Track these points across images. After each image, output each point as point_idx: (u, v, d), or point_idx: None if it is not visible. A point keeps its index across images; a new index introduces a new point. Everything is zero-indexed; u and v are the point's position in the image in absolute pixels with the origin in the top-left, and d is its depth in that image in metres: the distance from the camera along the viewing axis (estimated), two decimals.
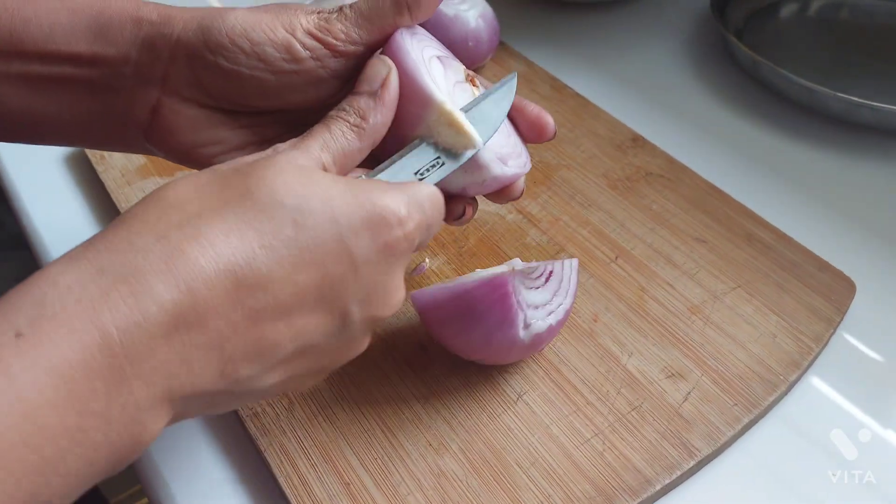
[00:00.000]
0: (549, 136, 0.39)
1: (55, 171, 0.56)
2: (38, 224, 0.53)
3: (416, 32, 0.35)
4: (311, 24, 0.33)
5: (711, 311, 0.44)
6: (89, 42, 0.34)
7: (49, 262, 0.49)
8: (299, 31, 0.33)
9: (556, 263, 0.40)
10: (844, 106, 0.56)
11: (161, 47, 0.34)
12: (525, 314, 0.37)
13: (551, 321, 0.38)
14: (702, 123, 0.59)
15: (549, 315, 0.38)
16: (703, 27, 0.70)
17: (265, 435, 0.38)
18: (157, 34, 0.34)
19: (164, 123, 0.36)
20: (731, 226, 0.49)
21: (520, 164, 0.37)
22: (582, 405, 0.39)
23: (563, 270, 0.40)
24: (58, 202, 0.54)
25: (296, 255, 0.27)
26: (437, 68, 0.35)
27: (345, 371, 0.41)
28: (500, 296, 0.37)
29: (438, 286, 0.39)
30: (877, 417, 0.41)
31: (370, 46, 0.34)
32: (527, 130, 0.39)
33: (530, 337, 0.38)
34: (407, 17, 0.34)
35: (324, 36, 0.33)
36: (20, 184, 0.56)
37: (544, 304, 0.39)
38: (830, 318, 0.43)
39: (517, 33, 0.68)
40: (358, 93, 0.33)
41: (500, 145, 0.36)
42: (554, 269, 0.40)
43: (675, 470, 0.37)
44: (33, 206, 0.54)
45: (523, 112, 0.38)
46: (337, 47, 0.33)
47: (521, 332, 0.37)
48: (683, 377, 0.41)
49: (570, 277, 0.40)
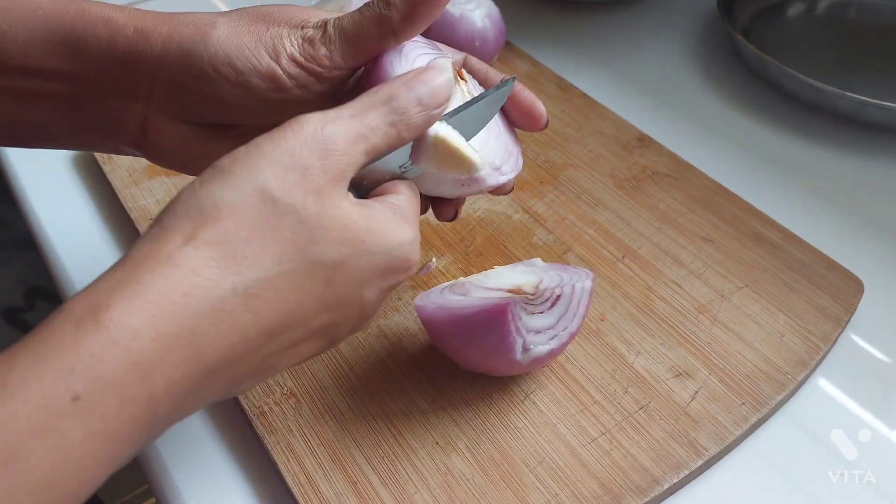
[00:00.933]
0: (542, 125, 0.38)
1: (62, 171, 0.56)
2: (45, 224, 0.53)
3: (401, 47, 0.34)
4: (295, 49, 0.32)
5: (719, 310, 0.44)
6: (65, 57, 0.33)
7: (55, 261, 0.49)
8: (283, 58, 0.32)
9: (567, 286, 0.38)
10: (852, 105, 0.56)
11: (141, 66, 0.33)
12: (524, 339, 0.37)
13: (553, 345, 0.37)
14: (708, 123, 0.59)
15: (551, 339, 0.37)
16: (710, 26, 0.70)
17: (272, 434, 0.38)
18: (134, 51, 0.33)
19: (154, 141, 0.36)
20: (739, 225, 0.48)
21: (513, 167, 0.37)
22: (589, 404, 0.39)
23: (574, 293, 0.38)
24: (65, 202, 0.54)
25: (320, 308, 0.28)
26: None
27: (352, 370, 0.41)
28: (498, 323, 0.36)
29: (440, 301, 0.38)
30: (882, 418, 0.41)
31: (355, 69, 0.34)
32: (519, 118, 0.38)
33: (529, 360, 0.37)
34: (392, 41, 0.33)
35: (308, 64, 0.33)
36: (28, 184, 0.56)
37: (548, 329, 0.37)
38: (838, 317, 0.43)
39: (523, 33, 0.68)
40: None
41: (493, 153, 0.35)
42: (563, 293, 0.38)
43: (683, 469, 0.37)
44: (41, 206, 0.54)
45: (516, 99, 0.37)
46: (321, 74, 0.33)
47: (519, 355, 0.37)
48: (691, 376, 0.40)
49: (581, 300, 0.38)
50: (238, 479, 0.39)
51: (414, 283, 0.46)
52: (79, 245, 0.51)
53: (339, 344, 0.32)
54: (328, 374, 0.41)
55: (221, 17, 0.34)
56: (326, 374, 0.41)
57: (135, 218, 0.50)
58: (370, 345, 0.42)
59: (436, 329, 0.39)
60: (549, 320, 0.37)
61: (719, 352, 0.42)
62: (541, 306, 0.37)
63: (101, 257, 0.50)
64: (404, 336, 0.43)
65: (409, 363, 0.41)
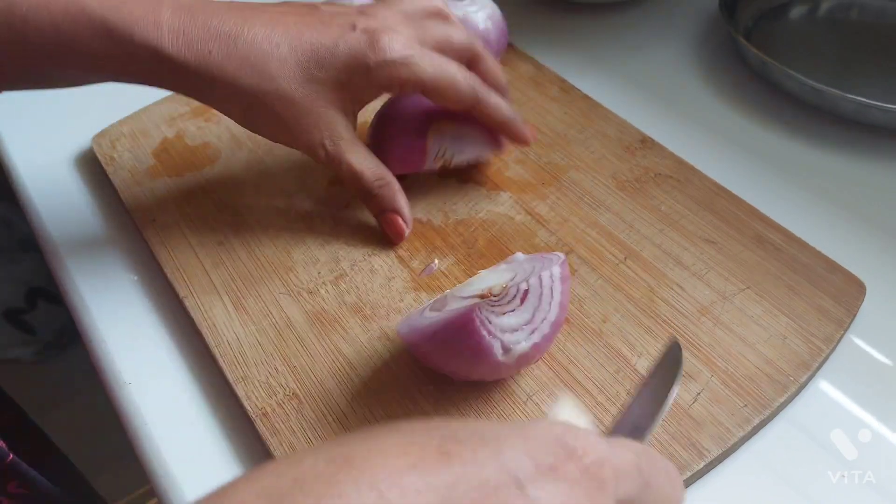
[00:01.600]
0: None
1: (65, 171, 0.57)
2: (48, 223, 0.53)
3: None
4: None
5: (721, 312, 0.44)
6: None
7: (57, 261, 0.49)
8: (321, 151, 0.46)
9: (533, 279, 0.37)
10: (854, 107, 0.56)
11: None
12: (501, 341, 0.36)
13: (535, 339, 0.37)
14: (711, 125, 0.59)
15: (531, 334, 0.37)
16: (712, 28, 0.70)
17: (275, 435, 0.38)
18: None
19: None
20: (741, 227, 0.48)
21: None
22: (591, 406, 0.39)
23: (543, 284, 0.37)
24: (68, 202, 0.54)
25: None
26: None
27: (355, 373, 0.41)
28: (467, 332, 0.36)
29: (415, 322, 0.38)
30: (883, 419, 0.41)
31: None
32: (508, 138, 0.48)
33: (514, 359, 0.37)
34: None
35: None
36: (30, 184, 0.56)
37: (524, 325, 0.37)
38: (841, 319, 0.43)
39: (526, 35, 0.68)
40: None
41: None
42: (530, 287, 0.37)
43: (685, 471, 0.37)
44: (43, 205, 0.54)
45: (508, 128, 0.49)
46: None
47: (501, 357, 0.36)
48: (693, 378, 0.40)
49: (553, 287, 0.38)
50: None
51: (416, 285, 0.46)
52: (81, 245, 0.51)
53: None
54: (331, 376, 0.41)
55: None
56: (329, 377, 0.41)
57: (137, 218, 0.50)
58: (373, 347, 0.42)
59: (417, 351, 0.39)
60: (524, 316, 0.37)
61: (721, 353, 0.42)
62: (509, 304, 0.37)
63: (103, 257, 0.50)
64: None
65: (411, 365, 0.41)
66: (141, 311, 0.47)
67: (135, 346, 0.45)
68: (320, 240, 0.49)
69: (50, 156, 0.58)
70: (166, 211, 0.51)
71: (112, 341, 0.45)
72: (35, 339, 1.29)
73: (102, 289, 0.48)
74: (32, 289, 1.28)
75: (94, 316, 0.47)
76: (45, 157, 0.58)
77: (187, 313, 0.45)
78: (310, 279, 0.46)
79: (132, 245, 0.51)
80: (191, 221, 0.50)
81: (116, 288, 0.48)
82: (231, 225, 0.50)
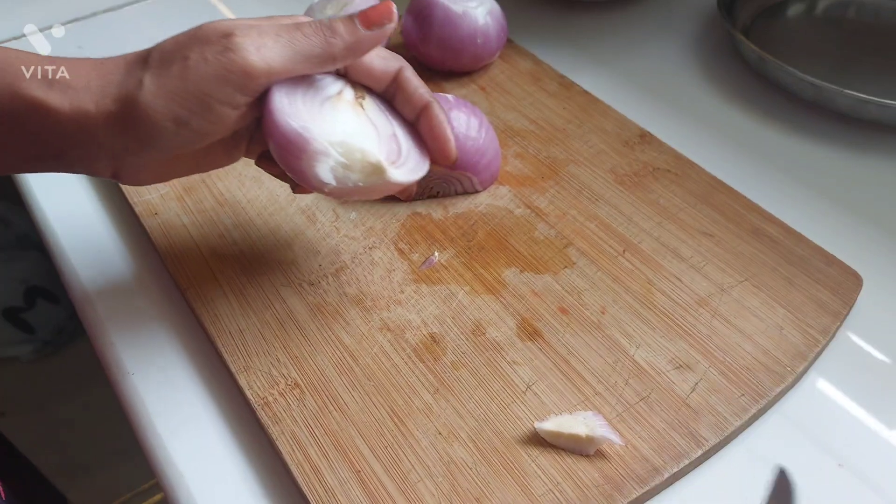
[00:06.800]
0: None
1: None
2: (51, 220, 0.53)
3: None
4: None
5: (719, 303, 0.44)
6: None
7: (61, 257, 0.50)
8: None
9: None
10: (851, 102, 0.56)
11: (88, 145, 0.35)
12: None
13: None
14: (709, 120, 0.60)
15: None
16: (711, 25, 0.71)
17: (276, 423, 0.39)
18: (78, 129, 0.34)
19: (126, 179, 0.38)
20: (738, 220, 0.49)
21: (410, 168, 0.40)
22: (590, 395, 0.40)
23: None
24: (71, 199, 0.55)
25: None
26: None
27: (355, 362, 0.41)
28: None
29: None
30: (879, 416, 0.41)
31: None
32: (432, 150, 0.42)
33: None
34: (330, 67, 0.37)
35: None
36: (34, 180, 0.56)
37: None
38: (837, 311, 0.44)
39: (525, 31, 0.68)
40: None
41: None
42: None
43: (683, 459, 0.37)
44: (47, 202, 0.55)
45: (433, 132, 0.41)
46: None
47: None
48: (691, 368, 0.41)
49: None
50: (243, 469, 0.39)
51: (416, 277, 0.46)
52: (84, 240, 0.51)
53: None
54: (332, 366, 0.41)
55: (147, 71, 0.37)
56: (330, 366, 0.41)
57: (139, 213, 0.51)
58: (373, 336, 0.43)
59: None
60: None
61: (719, 344, 0.42)
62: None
63: (106, 252, 0.51)
64: (407, 328, 0.43)
65: (411, 354, 0.42)
66: (143, 304, 0.47)
67: (138, 338, 0.45)
68: (321, 233, 0.49)
69: None
70: (168, 204, 0.51)
71: (115, 333, 0.45)
72: (34, 338, 1.29)
73: (105, 282, 0.49)
74: (31, 287, 1.28)
75: (98, 308, 0.47)
76: None
77: (189, 305, 0.45)
78: (311, 271, 0.47)
79: (134, 238, 0.51)
80: (192, 214, 0.50)
81: (119, 280, 0.49)
82: (232, 218, 0.50)
